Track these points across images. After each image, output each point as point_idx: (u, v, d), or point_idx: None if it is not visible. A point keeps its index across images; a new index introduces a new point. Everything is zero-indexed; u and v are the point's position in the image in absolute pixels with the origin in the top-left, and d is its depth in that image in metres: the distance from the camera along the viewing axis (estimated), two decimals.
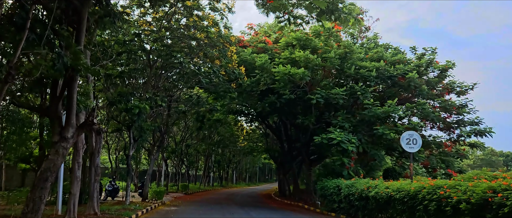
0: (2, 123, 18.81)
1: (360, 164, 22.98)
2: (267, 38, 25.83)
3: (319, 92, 21.83)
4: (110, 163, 36.03)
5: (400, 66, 22.57)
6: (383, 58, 23.36)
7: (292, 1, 14.20)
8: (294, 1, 13.78)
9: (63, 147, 9.13)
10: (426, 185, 11.23)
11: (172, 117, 27.47)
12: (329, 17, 14.02)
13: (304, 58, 21.60)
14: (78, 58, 8.22)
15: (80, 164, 12.68)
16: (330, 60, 21.36)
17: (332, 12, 13.75)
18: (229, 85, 22.11)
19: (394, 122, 23.42)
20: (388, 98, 23.69)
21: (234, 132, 45.62)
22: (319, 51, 22.65)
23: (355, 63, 22.29)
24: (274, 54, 24.17)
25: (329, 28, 23.03)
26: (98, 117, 27.94)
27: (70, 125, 9.23)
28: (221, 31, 20.38)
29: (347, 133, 20.69)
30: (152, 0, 17.28)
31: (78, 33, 8.97)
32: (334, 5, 13.74)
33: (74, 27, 9.07)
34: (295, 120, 25.62)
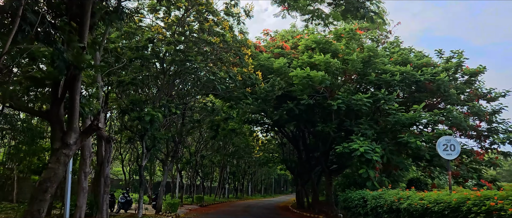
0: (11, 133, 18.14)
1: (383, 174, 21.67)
2: (285, 43, 24.85)
3: (340, 97, 20.66)
4: (123, 175, 35.31)
5: (428, 69, 21.24)
6: (409, 61, 22.08)
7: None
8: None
9: (64, 154, 8.20)
10: (471, 196, 9.93)
11: (186, 126, 26.60)
12: (355, 15, 12.90)
13: (324, 61, 20.52)
14: (80, 54, 7.32)
15: (87, 174, 11.78)
16: (352, 63, 20.20)
17: (358, 9, 12.63)
18: (244, 90, 21.12)
19: (420, 129, 22.06)
20: (413, 104, 22.36)
21: (250, 142, 44.63)
22: (340, 54, 21.54)
23: (379, 67, 21.04)
24: (292, 58, 23.16)
25: (351, 29, 21.91)
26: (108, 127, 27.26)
27: (73, 130, 8.30)
28: (236, 36, 19.46)
29: (370, 142, 19.43)
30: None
31: (81, 27, 8.11)
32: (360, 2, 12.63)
33: (77, 22, 8.21)
34: (314, 128, 24.45)
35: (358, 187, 19.76)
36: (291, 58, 23.35)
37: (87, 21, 8.11)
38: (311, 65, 21.48)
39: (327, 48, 21.79)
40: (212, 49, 19.03)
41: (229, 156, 43.71)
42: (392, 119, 20.03)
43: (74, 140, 8.39)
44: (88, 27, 8.15)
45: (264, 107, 23.87)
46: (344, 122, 22.55)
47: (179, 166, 34.64)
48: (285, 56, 23.43)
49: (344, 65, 20.73)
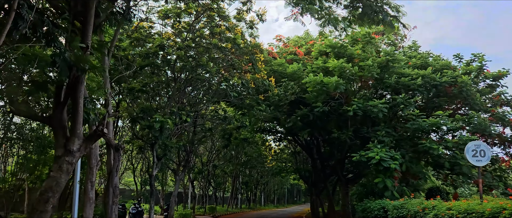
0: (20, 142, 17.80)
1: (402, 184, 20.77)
2: (298, 49, 24.24)
3: (356, 103, 19.90)
4: (135, 185, 34.87)
5: (448, 72, 20.36)
6: (428, 65, 21.24)
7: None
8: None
9: (67, 162, 7.67)
10: (508, 205, 9.10)
11: (198, 135, 26.08)
12: (372, 19, 12.21)
13: (338, 66, 19.83)
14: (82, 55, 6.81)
15: (94, 183, 11.26)
16: (368, 68, 19.47)
17: (376, 13, 11.93)
18: (257, 97, 20.52)
19: (440, 136, 21.13)
20: (432, 110, 21.50)
21: (262, 152, 43.98)
22: (355, 60, 20.82)
23: (397, 71, 20.22)
24: (306, 64, 22.52)
25: (368, 33, 21.19)
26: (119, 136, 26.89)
27: (76, 136, 7.78)
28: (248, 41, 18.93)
29: (388, 149, 18.61)
30: None
31: (85, 26, 7.62)
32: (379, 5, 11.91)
33: (81, 21, 7.74)
34: (329, 135, 23.68)
35: (376, 197, 18.92)
36: (304, 64, 22.72)
37: (91, 20, 7.63)
38: (325, 71, 20.83)
39: (342, 53, 21.12)
40: (224, 55, 18.51)
41: (242, 166, 43.09)
42: (411, 125, 19.19)
43: (78, 147, 7.87)
44: (91, 26, 7.67)
45: (277, 114, 23.22)
46: (360, 129, 21.75)
47: (191, 176, 34.10)
48: (299, 62, 22.81)
49: (360, 71, 19.99)
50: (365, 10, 11.60)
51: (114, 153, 13.62)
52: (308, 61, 23.10)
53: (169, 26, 19.67)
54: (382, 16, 11.57)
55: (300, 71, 21.09)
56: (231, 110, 26.77)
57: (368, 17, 11.83)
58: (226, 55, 18.53)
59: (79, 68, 6.89)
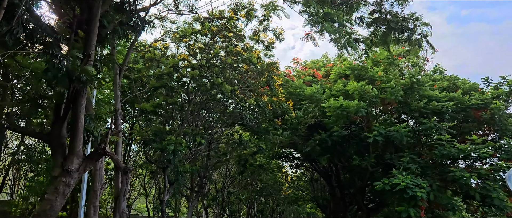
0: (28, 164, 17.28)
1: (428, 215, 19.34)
2: (316, 71, 23.50)
3: (377, 129, 18.84)
4: (147, 212, 33.92)
5: (476, 94, 19.21)
6: (457, 87, 20.14)
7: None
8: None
9: (64, 183, 6.94)
10: None
11: (212, 160, 25.24)
12: (397, 37, 11.36)
13: (359, 89, 18.93)
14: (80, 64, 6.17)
15: (97, 208, 10.47)
16: (391, 91, 18.48)
17: (402, 31, 11.08)
18: (274, 120, 19.66)
19: (471, 164, 19.78)
20: (460, 135, 20.22)
21: (278, 179, 42.71)
22: (377, 82, 19.88)
23: (424, 93, 19.13)
24: (325, 87, 21.70)
25: (390, 54, 20.32)
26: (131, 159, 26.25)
27: (75, 155, 7.08)
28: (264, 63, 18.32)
29: (414, 176, 17.39)
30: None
31: (88, 35, 7.02)
32: (404, 24, 11.04)
33: (85, 30, 7.16)
34: (349, 162, 22.52)
35: None
36: (323, 86, 21.91)
37: (95, 28, 7.04)
38: (345, 94, 19.97)
39: (363, 75, 20.25)
40: (240, 76, 17.86)
41: (257, 193, 41.79)
42: (439, 151, 17.96)
43: (77, 167, 7.14)
44: (96, 35, 7.08)
45: (294, 138, 22.25)
46: (382, 155, 20.57)
47: (205, 203, 33.04)
48: (317, 84, 22.02)
49: (382, 93, 19.03)
50: (391, 27, 10.76)
51: (122, 176, 12.86)
52: (326, 83, 22.30)
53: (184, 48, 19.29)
54: (408, 34, 10.72)
55: (319, 94, 20.23)
56: (247, 134, 25.96)
57: (393, 35, 10.99)
58: (242, 76, 17.87)
59: (77, 78, 6.22)
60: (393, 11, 10.46)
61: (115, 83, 14.02)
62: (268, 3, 15.59)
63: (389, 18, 10.53)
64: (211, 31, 17.22)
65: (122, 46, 18.19)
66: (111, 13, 8.16)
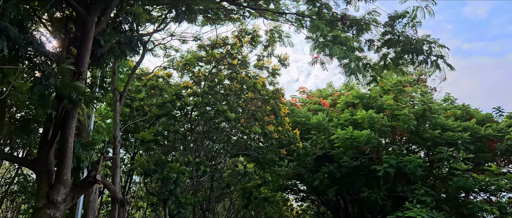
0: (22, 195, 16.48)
1: None
2: (323, 100, 22.88)
3: (387, 160, 17.99)
4: None
5: (493, 125, 18.42)
6: (471, 115, 19.36)
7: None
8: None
9: (49, 216, 6.20)
10: None
11: (215, 192, 24.31)
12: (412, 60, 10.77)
13: (368, 117, 18.23)
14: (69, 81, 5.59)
15: None
16: (403, 119, 17.74)
17: (417, 53, 10.49)
18: (279, 151, 18.88)
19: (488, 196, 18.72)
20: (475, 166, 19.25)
21: (283, 212, 41.23)
22: (387, 111, 19.18)
23: (436, 122, 18.35)
24: (332, 116, 21.02)
25: (400, 81, 19.73)
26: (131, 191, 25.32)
27: (62, 184, 6.39)
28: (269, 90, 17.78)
29: (429, 210, 16.37)
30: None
31: (80, 49, 6.49)
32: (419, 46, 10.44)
33: (77, 46, 6.63)
34: (358, 194, 21.47)
35: None
36: (330, 115, 21.22)
37: (88, 44, 6.52)
38: (354, 123, 19.27)
39: (372, 104, 19.59)
40: (245, 104, 17.29)
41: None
42: (454, 183, 17.01)
43: (63, 197, 6.43)
44: (89, 51, 6.55)
45: (301, 170, 21.36)
46: (394, 187, 19.57)
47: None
48: (324, 113, 21.34)
49: (394, 121, 18.29)
50: (405, 49, 10.19)
51: (119, 208, 12.06)
52: (333, 112, 21.63)
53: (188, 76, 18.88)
54: (425, 56, 10.12)
55: (325, 122, 19.50)
56: (251, 166, 25.10)
57: (408, 56, 10.41)
58: (247, 103, 17.30)
59: (67, 97, 5.62)
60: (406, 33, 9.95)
61: (115, 110, 13.47)
62: (272, 29, 15.19)
63: (402, 39, 9.99)
64: (215, 58, 16.82)
65: (125, 74, 17.76)
66: (108, 32, 7.68)
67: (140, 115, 19.00)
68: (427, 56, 10.03)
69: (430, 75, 10.94)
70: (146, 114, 19.12)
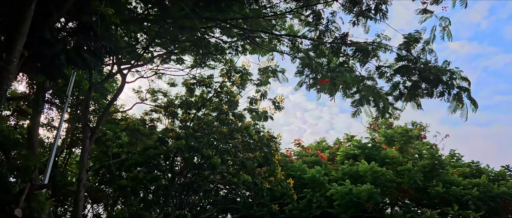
0: None
1: None
2: (320, 152, 21.09)
3: (396, 216, 15.96)
4: None
5: (508, 182, 16.62)
6: (482, 172, 17.58)
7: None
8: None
9: None
10: None
11: None
12: (431, 90, 9.28)
13: (371, 170, 16.44)
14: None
15: None
16: (409, 174, 15.94)
17: (438, 82, 8.99)
18: (271, 205, 16.73)
19: None
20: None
21: None
22: (391, 166, 17.39)
23: (445, 179, 16.54)
24: (330, 170, 19.14)
25: (406, 130, 18.13)
26: None
27: None
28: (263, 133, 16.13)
29: None
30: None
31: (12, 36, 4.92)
32: (439, 74, 8.97)
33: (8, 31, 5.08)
34: None
35: None
36: (328, 169, 19.34)
37: (23, 26, 4.97)
38: (354, 177, 17.42)
39: (375, 155, 17.88)
40: (234, 149, 15.51)
41: None
42: None
43: None
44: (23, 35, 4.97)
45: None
46: None
47: None
48: (321, 166, 19.46)
49: (399, 177, 16.48)
50: (423, 77, 8.74)
51: None
52: (332, 167, 19.78)
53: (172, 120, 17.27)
54: (448, 87, 8.64)
55: (321, 175, 17.55)
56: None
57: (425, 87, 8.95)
58: (236, 149, 15.51)
59: None
60: (422, 59, 8.61)
61: (84, 148, 11.67)
62: (266, 66, 13.88)
63: (419, 67, 8.60)
64: (202, 99, 15.35)
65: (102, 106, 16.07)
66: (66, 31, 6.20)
67: (116, 164, 17.08)
68: (448, 86, 8.57)
69: (453, 111, 9.27)
70: (124, 161, 17.21)
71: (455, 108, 8.91)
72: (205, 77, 15.41)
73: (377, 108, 9.17)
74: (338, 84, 8.71)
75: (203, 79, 15.01)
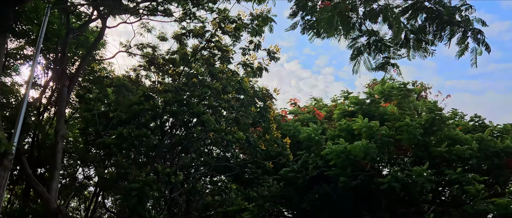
0: None
1: None
2: (317, 110, 20.26)
3: (391, 173, 15.39)
4: None
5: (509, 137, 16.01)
6: (486, 126, 16.95)
7: None
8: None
9: None
10: None
11: (192, 215, 21.15)
12: (439, 33, 8.26)
13: (367, 127, 15.68)
14: None
15: None
16: (408, 129, 15.22)
17: (451, 24, 7.96)
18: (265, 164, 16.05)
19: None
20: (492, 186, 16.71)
21: None
22: (389, 122, 16.67)
23: (448, 134, 15.85)
24: (326, 128, 18.38)
25: (404, 84, 17.30)
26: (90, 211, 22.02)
27: None
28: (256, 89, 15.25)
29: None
30: None
31: None
32: (452, 13, 7.94)
33: None
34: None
35: None
36: (324, 127, 18.56)
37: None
38: (351, 135, 16.69)
39: (373, 111, 17.10)
40: (227, 104, 14.60)
41: None
42: (471, 208, 14.38)
43: None
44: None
45: (290, 190, 18.49)
46: (399, 210, 16.84)
47: None
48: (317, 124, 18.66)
49: (398, 133, 15.76)
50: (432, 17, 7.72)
51: None
52: (329, 127, 19.02)
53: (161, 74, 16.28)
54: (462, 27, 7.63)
55: (316, 134, 16.78)
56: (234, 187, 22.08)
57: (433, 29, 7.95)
58: (229, 104, 14.60)
59: None
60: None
61: (61, 98, 10.78)
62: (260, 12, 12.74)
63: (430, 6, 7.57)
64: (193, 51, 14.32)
65: None
66: None
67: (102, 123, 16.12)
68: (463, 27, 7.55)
69: (460, 55, 8.32)
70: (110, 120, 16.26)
71: (462, 50, 7.95)
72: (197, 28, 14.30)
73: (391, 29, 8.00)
74: (342, 7, 7.55)
75: (195, 28, 13.90)
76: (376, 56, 9.15)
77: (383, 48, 8.84)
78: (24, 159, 9.88)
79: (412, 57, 9.07)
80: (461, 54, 8.56)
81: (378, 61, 9.17)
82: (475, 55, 8.41)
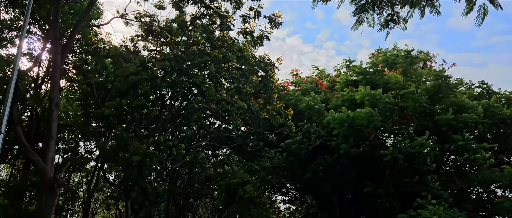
0: None
1: None
2: (320, 80, 19.84)
3: (396, 145, 15.10)
4: None
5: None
6: (493, 92, 16.57)
7: None
8: None
9: None
10: None
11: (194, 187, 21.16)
12: None
13: (369, 95, 15.27)
14: None
15: None
16: (412, 96, 14.80)
17: None
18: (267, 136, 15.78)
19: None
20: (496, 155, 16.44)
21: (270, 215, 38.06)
22: (393, 91, 16.26)
23: (454, 101, 15.47)
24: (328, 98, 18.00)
25: (408, 51, 16.79)
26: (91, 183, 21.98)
27: None
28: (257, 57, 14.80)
29: (448, 208, 13.47)
30: None
31: None
32: None
33: None
34: (359, 190, 18.52)
35: None
36: (326, 98, 18.17)
37: None
38: (353, 104, 16.30)
39: (376, 80, 16.65)
40: (228, 73, 14.20)
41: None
42: (476, 177, 14.15)
43: None
44: None
45: (293, 161, 18.27)
46: (401, 181, 16.67)
47: None
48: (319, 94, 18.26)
49: (402, 102, 15.37)
50: None
51: (47, 193, 8.89)
52: (331, 96, 18.63)
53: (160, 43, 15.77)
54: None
55: (317, 103, 16.37)
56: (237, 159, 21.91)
57: None
58: (230, 72, 14.20)
59: None
60: None
61: (55, 65, 10.37)
62: None
63: None
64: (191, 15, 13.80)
65: None
66: None
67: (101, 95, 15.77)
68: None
69: (467, 12, 7.93)
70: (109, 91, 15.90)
71: (470, 8, 7.51)
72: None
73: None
74: None
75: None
76: (382, 13, 8.80)
77: (388, 4, 8.47)
78: (19, 128, 9.62)
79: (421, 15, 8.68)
80: (469, 12, 8.23)
81: (382, 18, 8.82)
82: (482, 13, 8.09)
